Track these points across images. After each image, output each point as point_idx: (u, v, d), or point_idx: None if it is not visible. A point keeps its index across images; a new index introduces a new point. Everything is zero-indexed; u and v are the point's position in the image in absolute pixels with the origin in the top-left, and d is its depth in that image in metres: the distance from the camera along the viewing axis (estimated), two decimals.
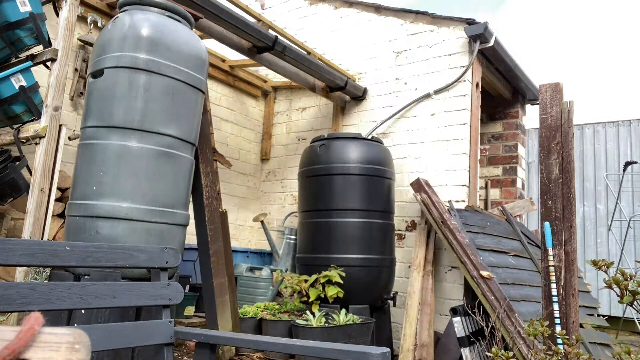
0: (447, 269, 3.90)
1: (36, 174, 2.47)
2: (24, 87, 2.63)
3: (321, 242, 3.60)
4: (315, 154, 3.73)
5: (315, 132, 4.90)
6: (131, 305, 1.58)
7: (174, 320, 1.63)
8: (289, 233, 4.50)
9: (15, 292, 1.29)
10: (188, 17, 2.72)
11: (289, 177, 5.16)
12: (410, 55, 4.45)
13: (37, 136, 2.53)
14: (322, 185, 3.66)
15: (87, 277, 2.26)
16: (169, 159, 2.46)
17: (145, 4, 2.56)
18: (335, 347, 1.29)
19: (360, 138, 3.77)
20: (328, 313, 3.13)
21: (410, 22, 4.52)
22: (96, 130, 2.40)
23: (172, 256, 1.70)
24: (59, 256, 1.42)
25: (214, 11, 3.11)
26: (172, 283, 1.66)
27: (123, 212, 2.30)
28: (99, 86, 2.44)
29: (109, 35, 2.48)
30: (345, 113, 4.80)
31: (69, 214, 2.43)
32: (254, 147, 5.38)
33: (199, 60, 2.64)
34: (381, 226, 3.65)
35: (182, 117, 2.54)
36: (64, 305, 1.39)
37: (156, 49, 2.44)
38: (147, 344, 1.54)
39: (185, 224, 2.62)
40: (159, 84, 2.44)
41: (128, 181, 2.34)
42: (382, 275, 3.63)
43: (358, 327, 3.06)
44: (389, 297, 3.73)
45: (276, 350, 1.48)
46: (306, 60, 3.98)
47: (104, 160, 2.35)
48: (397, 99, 4.45)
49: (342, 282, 3.28)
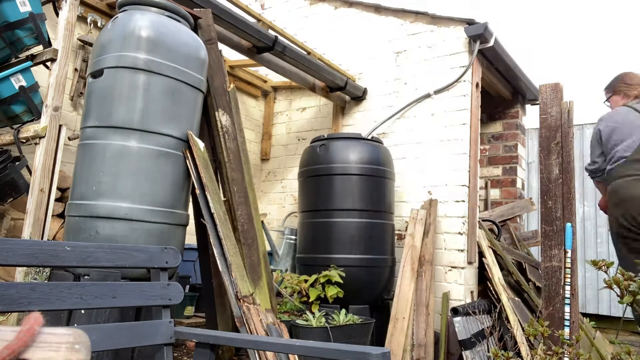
0: (448, 269, 3.90)
1: (36, 174, 2.47)
2: (23, 87, 2.63)
3: (321, 242, 3.60)
4: (315, 154, 3.73)
5: (315, 132, 4.90)
6: (131, 305, 1.58)
7: (174, 320, 1.63)
8: (289, 233, 4.50)
9: (15, 292, 1.29)
10: (188, 17, 2.72)
11: (289, 177, 5.16)
12: (410, 55, 4.45)
13: (37, 136, 2.53)
14: (322, 186, 3.66)
15: (87, 277, 2.26)
16: (168, 159, 2.46)
17: (145, 4, 2.56)
18: (335, 347, 1.29)
19: (360, 138, 3.77)
20: (328, 313, 3.13)
21: (410, 22, 4.52)
22: (96, 130, 2.40)
23: (172, 256, 1.70)
24: (59, 256, 1.42)
25: (214, 11, 3.11)
26: (172, 283, 1.66)
27: (123, 212, 2.30)
28: (99, 86, 2.44)
29: (108, 35, 2.48)
30: (345, 113, 4.80)
31: (68, 214, 2.43)
32: (254, 147, 5.38)
33: (199, 60, 2.65)
34: (381, 226, 3.65)
35: (182, 117, 2.54)
36: (64, 305, 1.39)
37: (156, 49, 2.44)
38: (147, 344, 1.54)
39: (185, 224, 2.62)
40: (159, 84, 2.44)
41: (128, 181, 2.34)
42: (382, 275, 3.63)
43: (358, 327, 3.06)
44: (389, 297, 3.73)
45: (276, 350, 1.48)
46: (306, 60, 3.98)
47: (104, 160, 2.35)
48: (397, 99, 4.45)
49: (342, 282, 3.28)
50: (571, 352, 1.86)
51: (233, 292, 2.39)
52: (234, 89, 3.09)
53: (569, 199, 2.49)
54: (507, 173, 5.23)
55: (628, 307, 1.62)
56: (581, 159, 6.25)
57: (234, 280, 2.40)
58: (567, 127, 2.56)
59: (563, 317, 2.43)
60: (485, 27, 3.96)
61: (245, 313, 2.34)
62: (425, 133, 4.22)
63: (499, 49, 4.28)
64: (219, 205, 2.56)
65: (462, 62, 4.14)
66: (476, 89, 4.15)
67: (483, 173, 5.31)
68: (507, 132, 5.31)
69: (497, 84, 4.91)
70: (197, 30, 2.89)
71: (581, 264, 5.74)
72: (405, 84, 4.43)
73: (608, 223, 3.21)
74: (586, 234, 6.12)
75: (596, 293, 5.91)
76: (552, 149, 2.55)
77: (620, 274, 1.60)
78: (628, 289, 1.55)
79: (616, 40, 19.20)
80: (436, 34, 4.34)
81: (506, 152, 5.27)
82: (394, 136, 4.40)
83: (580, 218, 6.12)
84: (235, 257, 2.48)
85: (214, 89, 2.87)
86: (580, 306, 5.85)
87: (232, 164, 2.82)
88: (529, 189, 6.42)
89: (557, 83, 2.67)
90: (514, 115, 5.32)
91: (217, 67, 2.93)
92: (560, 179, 2.51)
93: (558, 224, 2.48)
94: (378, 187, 3.67)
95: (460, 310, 3.30)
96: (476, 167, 4.06)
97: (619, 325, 5.44)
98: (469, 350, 3.15)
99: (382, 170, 3.70)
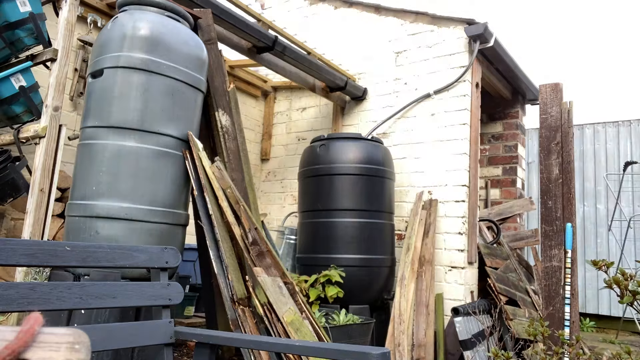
0: (448, 269, 3.90)
1: (36, 174, 2.47)
2: (24, 87, 2.63)
3: (321, 242, 3.60)
4: (315, 154, 3.73)
5: (315, 132, 4.90)
6: (131, 305, 1.58)
7: (174, 320, 1.63)
8: (289, 233, 4.50)
9: (15, 292, 1.29)
10: (188, 17, 2.72)
11: (289, 177, 5.16)
12: (410, 56, 4.45)
13: (37, 136, 2.53)
14: (322, 186, 3.66)
15: (87, 277, 2.26)
16: (168, 159, 2.46)
17: (144, 4, 2.56)
18: (335, 347, 1.29)
19: (360, 138, 3.77)
20: (328, 313, 3.13)
21: (410, 22, 4.52)
22: (96, 130, 2.40)
23: (172, 256, 1.70)
24: (59, 256, 1.42)
25: (214, 11, 3.11)
26: (172, 283, 1.66)
27: (123, 212, 2.31)
28: (99, 86, 2.44)
29: (108, 35, 2.48)
30: (345, 113, 4.80)
31: (68, 214, 2.43)
32: (254, 147, 5.38)
33: (199, 60, 2.65)
34: (381, 226, 3.65)
35: (182, 117, 2.54)
36: (64, 305, 1.39)
37: (155, 49, 2.44)
38: (147, 344, 1.54)
39: (185, 224, 2.62)
40: (159, 84, 2.44)
41: (128, 181, 2.34)
42: (382, 275, 3.63)
43: (358, 327, 3.06)
44: (389, 297, 3.73)
45: (276, 350, 1.48)
46: (306, 60, 3.98)
47: (104, 160, 2.35)
48: (397, 99, 4.45)
49: (342, 282, 3.29)
50: (571, 352, 1.86)
51: (229, 294, 2.38)
52: (234, 89, 3.09)
53: (569, 199, 2.49)
54: (507, 173, 5.23)
55: (628, 307, 1.62)
56: (581, 159, 6.26)
57: (230, 282, 2.40)
58: (567, 127, 2.56)
59: (563, 317, 2.43)
60: (485, 27, 3.97)
61: (240, 316, 2.34)
62: (425, 133, 4.22)
63: (499, 49, 4.28)
64: (217, 207, 2.56)
65: (462, 62, 4.14)
66: (476, 89, 4.15)
67: (483, 173, 5.31)
68: (507, 132, 5.31)
69: (497, 84, 4.91)
70: (197, 30, 2.89)
71: (581, 264, 5.74)
72: (405, 84, 4.43)
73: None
74: (586, 234, 6.12)
75: (596, 293, 5.91)
76: (552, 149, 2.55)
77: (620, 274, 1.61)
78: (628, 289, 1.55)
79: (616, 40, 19.20)
80: (436, 34, 4.34)
81: (506, 152, 5.27)
82: (394, 136, 4.40)
83: (580, 218, 6.12)
84: (231, 259, 2.48)
85: (214, 89, 2.87)
86: (580, 306, 5.85)
87: (232, 164, 2.82)
88: (529, 189, 6.42)
89: (557, 83, 2.67)
90: (514, 115, 5.33)
91: (217, 67, 2.93)
92: (560, 179, 2.51)
93: (558, 224, 2.48)
94: (378, 187, 3.67)
95: (461, 311, 3.30)
96: (476, 167, 4.06)
97: (619, 325, 5.44)
98: (470, 350, 3.15)
99: (382, 170, 3.70)
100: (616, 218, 5.87)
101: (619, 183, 5.89)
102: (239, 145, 2.92)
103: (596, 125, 6.28)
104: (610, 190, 5.98)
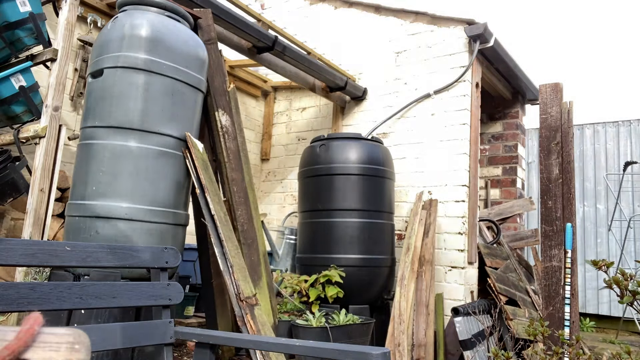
0: (448, 269, 3.90)
1: (36, 174, 2.47)
2: (24, 87, 2.63)
3: (321, 242, 3.60)
4: (315, 154, 3.73)
5: (315, 132, 4.90)
6: (131, 305, 1.58)
7: (174, 320, 1.63)
8: (289, 233, 4.50)
9: (15, 292, 1.29)
10: (188, 17, 2.72)
11: (289, 177, 5.16)
12: (410, 55, 4.45)
13: (37, 136, 2.53)
14: (322, 186, 3.66)
15: (87, 277, 2.26)
16: (168, 159, 2.46)
17: (144, 4, 2.56)
18: (335, 347, 1.29)
19: (360, 138, 3.77)
20: (328, 313, 3.13)
21: (410, 22, 4.52)
22: (96, 131, 2.40)
23: (172, 256, 1.70)
24: (59, 256, 1.42)
25: (213, 11, 3.11)
26: (172, 283, 1.66)
27: (123, 212, 2.30)
28: (99, 86, 2.44)
29: (108, 35, 2.48)
30: (345, 113, 4.80)
31: (68, 214, 2.43)
32: (254, 147, 5.38)
33: (199, 60, 2.64)
34: (381, 226, 3.65)
35: (182, 117, 2.54)
36: (64, 305, 1.39)
37: (156, 49, 2.44)
38: (147, 344, 1.54)
39: (185, 224, 2.62)
40: (159, 84, 2.44)
41: (128, 181, 2.34)
42: (382, 275, 3.63)
43: (358, 327, 3.06)
44: (389, 297, 3.73)
45: (276, 350, 1.48)
46: (306, 60, 3.98)
47: (104, 160, 2.35)
48: (397, 99, 4.45)
49: (342, 282, 3.28)
50: (571, 352, 1.86)
51: (235, 292, 2.39)
52: (234, 89, 3.09)
53: (569, 199, 2.49)
54: (507, 173, 5.23)
55: (628, 307, 1.62)
56: (581, 159, 6.26)
57: (235, 281, 2.40)
58: (567, 127, 2.56)
59: (563, 317, 2.43)
60: (485, 27, 3.97)
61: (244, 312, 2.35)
62: (425, 133, 4.22)
63: (499, 49, 4.28)
64: (219, 207, 2.56)
65: (462, 62, 4.14)
66: (476, 89, 4.15)
67: (483, 173, 5.31)
68: (507, 132, 5.31)
69: (497, 84, 4.91)
70: (197, 30, 2.89)
71: (581, 264, 5.74)
72: (405, 84, 4.43)
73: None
74: (586, 234, 6.12)
75: (596, 293, 5.91)
76: (552, 149, 2.55)
77: (620, 274, 1.61)
78: (628, 289, 1.55)
79: (616, 40, 19.19)
80: (436, 34, 4.34)
81: (506, 152, 5.27)
82: (394, 136, 4.40)
83: (580, 218, 6.12)
84: (237, 258, 2.48)
85: (213, 89, 2.87)
86: (580, 306, 5.85)
87: (232, 164, 2.82)
88: (529, 189, 6.42)
89: (557, 83, 2.67)
90: (514, 115, 5.33)
91: (217, 67, 2.93)
92: (560, 179, 2.51)
93: (558, 224, 2.48)
94: (378, 187, 3.67)
95: (461, 311, 3.29)
96: (476, 167, 4.06)
97: (619, 325, 5.44)
98: (470, 350, 3.15)
99: (382, 170, 3.70)
100: (616, 218, 5.87)
101: (619, 183, 5.89)
102: (239, 145, 2.92)
103: (596, 125, 6.28)
104: (610, 191, 5.99)
